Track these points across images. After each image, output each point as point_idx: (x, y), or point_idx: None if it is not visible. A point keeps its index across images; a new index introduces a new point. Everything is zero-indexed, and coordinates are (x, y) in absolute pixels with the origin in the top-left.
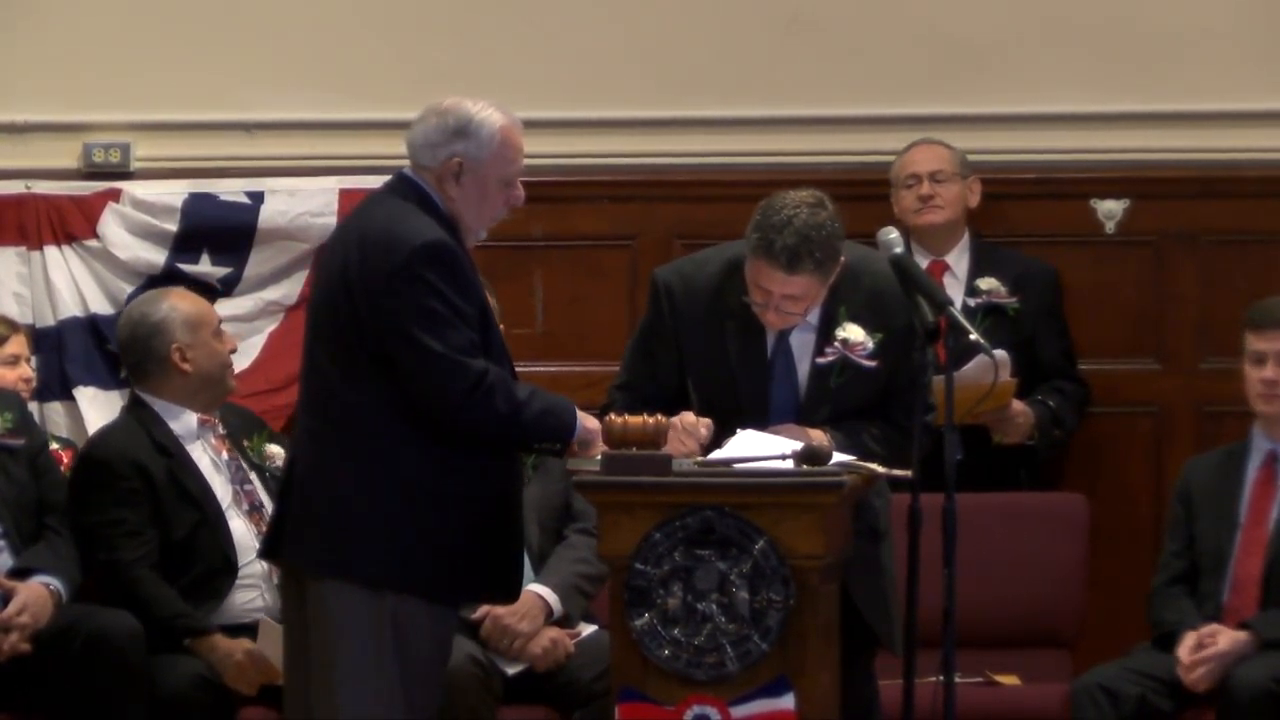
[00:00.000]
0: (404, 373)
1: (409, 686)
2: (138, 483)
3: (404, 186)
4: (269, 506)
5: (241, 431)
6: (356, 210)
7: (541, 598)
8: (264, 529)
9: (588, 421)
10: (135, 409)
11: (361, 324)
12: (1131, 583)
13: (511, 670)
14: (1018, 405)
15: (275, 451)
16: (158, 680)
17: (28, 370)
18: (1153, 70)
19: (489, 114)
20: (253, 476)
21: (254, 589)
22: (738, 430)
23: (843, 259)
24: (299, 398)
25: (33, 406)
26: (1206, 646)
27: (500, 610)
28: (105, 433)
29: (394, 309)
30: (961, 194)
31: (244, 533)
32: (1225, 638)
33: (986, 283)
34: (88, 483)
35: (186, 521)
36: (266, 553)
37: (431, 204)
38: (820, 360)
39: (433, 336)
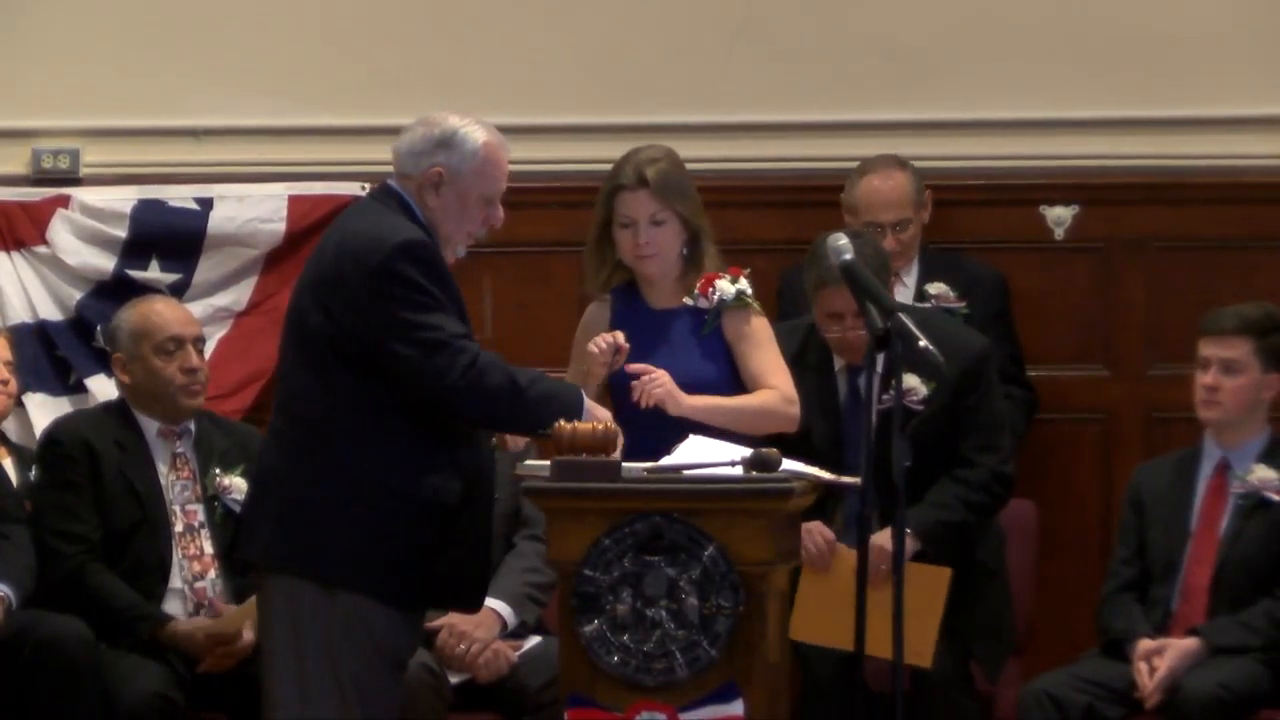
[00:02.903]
0: (399, 362)
1: (361, 688)
2: (85, 467)
3: (385, 194)
4: (207, 533)
5: (217, 457)
6: (338, 218)
7: (495, 611)
8: (192, 552)
9: (597, 411)
10: (115, 405)
11: (335, 325)
12: (1080, 589)
13: (454, 680)
14: None
15: (236, 484)
16: (113, 690)
17: (4, 372)
18: (1101, 77)
19: (474, 129)
20: (200, 500)
21: (178, 601)
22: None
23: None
24: (275, 400)
25: None
26: (1155, 669)
27: (457, 618)
28: (71, 415)
29: (379, 306)
30: (919, 225)
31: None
32: (1172, 651)
33: (935, 287)
34: (40, 460)
35: (127, 516)
36: (231, 551)
37: (411, 211)
38: (880, 407)
39: (422, 324)
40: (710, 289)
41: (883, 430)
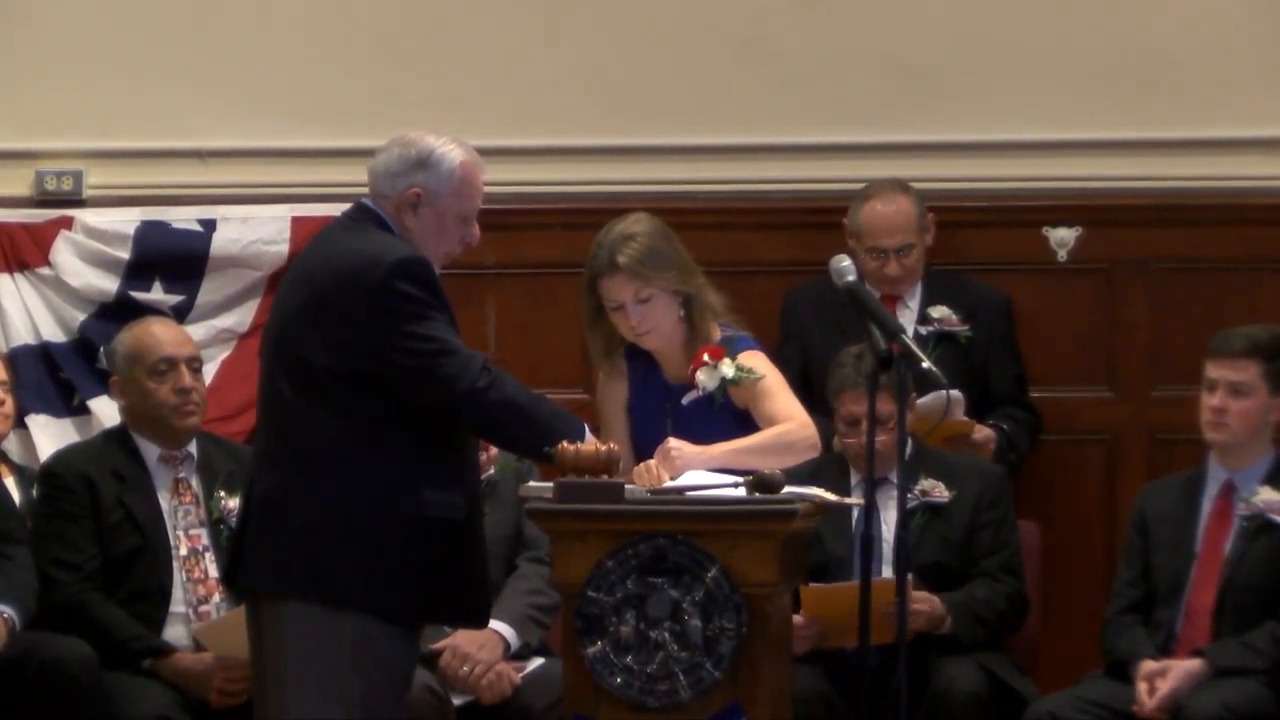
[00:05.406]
0: (407, 373)
1: (368, 709)
2: (83, 498)
3: (363, 215)
4: (210, 555)
5: (221, 479)
6: (317, 239)
7: (497, 633)
8: (196, 576)
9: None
10: (116, 432)
11: (332, 346)
12: (1084, 610)
13: (458, 701)
14: (985, 432)
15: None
16: (115, 713)
17: (0, 393)
18: (1104, 99)
19: (451, 149)
20: (204, 524)
21: (181, 625)
22: None
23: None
24: (256, 423)
25: None
26: (1158, 689)
27: (460, 639)
28: (70, 448)
29: (381, 322)
30: (923, 249)
31: (176, 574)
32: (1175, 672)
33: (938, 310)
34: (39, 493)
35: (126, 543)
36: (226, 578)
37: (390, 231)
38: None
39: (428, 335)
40: (695, 384)
41: (898, 533)
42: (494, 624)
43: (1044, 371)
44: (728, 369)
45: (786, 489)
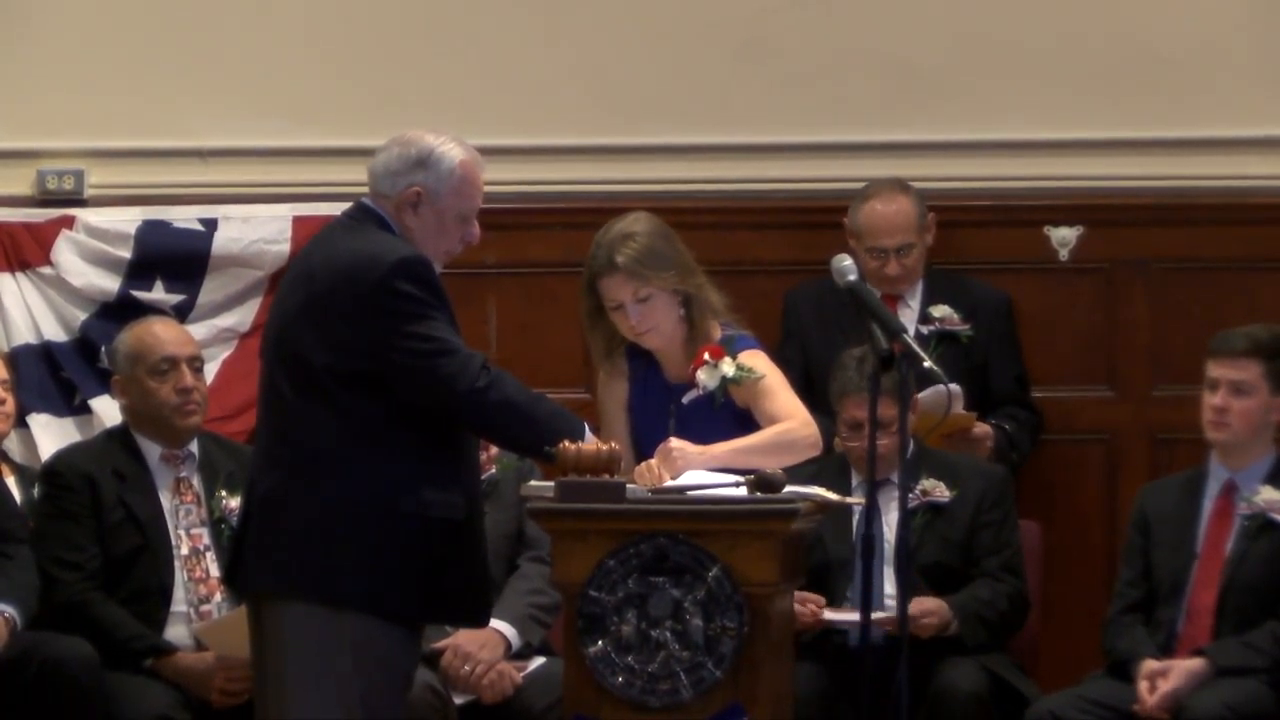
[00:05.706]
0: (407, 373)
1: (369, 709)
2: (85, 497)
3: (363, 214)
4: (212, 555)
5: (222, 479)
6: (316, 239)
7: (499, 632)
8: (198, 575)
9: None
10: (118, 431)
11: (331, 346)
12: (1085, 610)
13: (459, 700)
14: (983, 428)
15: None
16: (116, 712)
17: (1, 392)
18: (1105, 98)
19: (451, 148)
20: (205, 524)
21: (182, 625)
22: None
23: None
24: (257, 423)
25: None
26: (1159, 688)
27: (462, 639)
28: (72, 447)
29: (381, 321)
30: (923, 248)
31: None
32: (1177, 672)
33: (939, 310)
34: (42, 493)
35: (127, 542)
36: (227, 578)
37: (390, 231)
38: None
39: (428, 335)
40: (696, 383)
41: (900, 533)
42: (495, 623)
43: (1044, 371)
44: (728, 368)
45: (788, 488)
